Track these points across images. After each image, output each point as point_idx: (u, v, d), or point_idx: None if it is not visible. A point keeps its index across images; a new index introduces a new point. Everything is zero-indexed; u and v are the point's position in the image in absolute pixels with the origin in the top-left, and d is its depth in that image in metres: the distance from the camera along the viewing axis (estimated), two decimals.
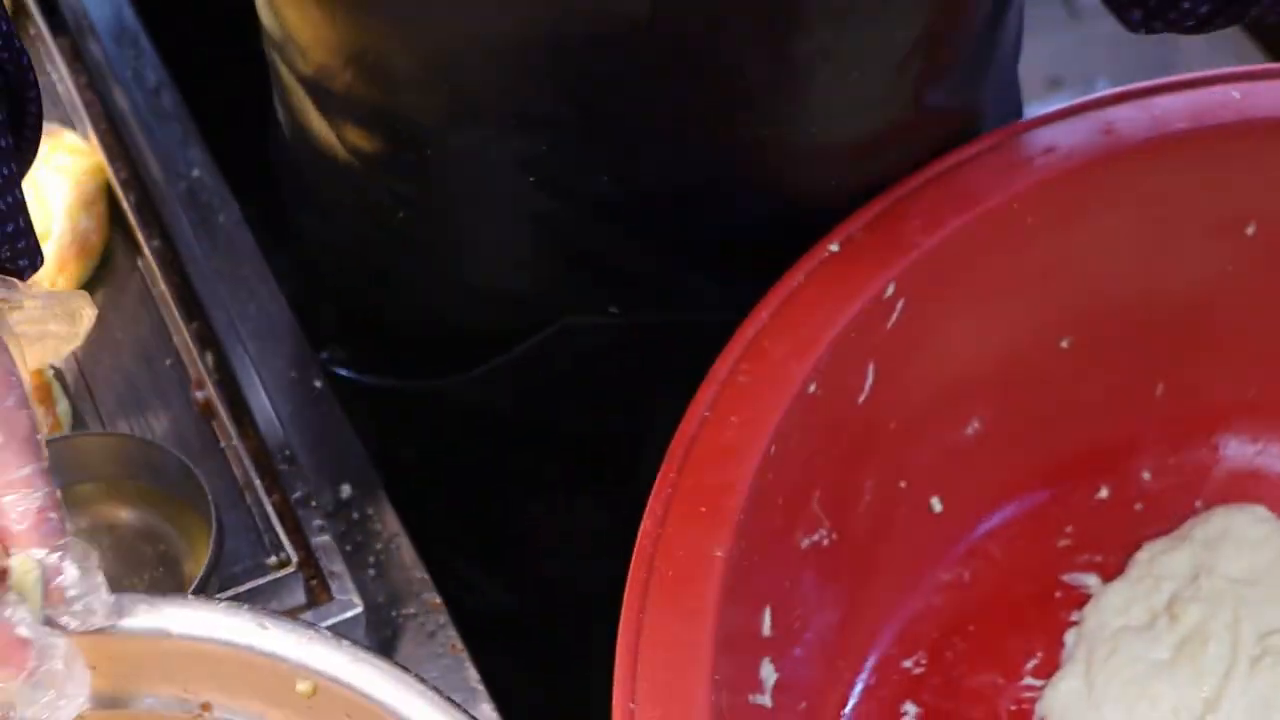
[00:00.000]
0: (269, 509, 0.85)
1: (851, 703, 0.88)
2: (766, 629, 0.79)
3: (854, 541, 0.86)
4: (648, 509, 0.71)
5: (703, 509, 0.71)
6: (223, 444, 0.91)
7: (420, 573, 0.90)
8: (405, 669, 0.70)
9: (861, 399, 0.82)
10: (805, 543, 0.82)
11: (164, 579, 0.87)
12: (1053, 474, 0.94)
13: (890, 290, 0.79)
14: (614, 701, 0.67)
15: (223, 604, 0.72)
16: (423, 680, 0.69)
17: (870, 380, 0.82)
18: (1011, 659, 0.90)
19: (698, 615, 0.68)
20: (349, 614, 0.84)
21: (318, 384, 0.97)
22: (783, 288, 0.79)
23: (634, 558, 0.70)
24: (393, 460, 0.99)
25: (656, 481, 0.72)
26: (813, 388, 0.77)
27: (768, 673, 0.80)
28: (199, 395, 0.93)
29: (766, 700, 0.80)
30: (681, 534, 0.70)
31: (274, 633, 0.70)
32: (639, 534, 0.70)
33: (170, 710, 0.74)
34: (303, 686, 0.70)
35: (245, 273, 1.02)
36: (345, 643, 0.70)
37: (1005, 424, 0.91)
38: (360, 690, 0.69)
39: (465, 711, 0.70)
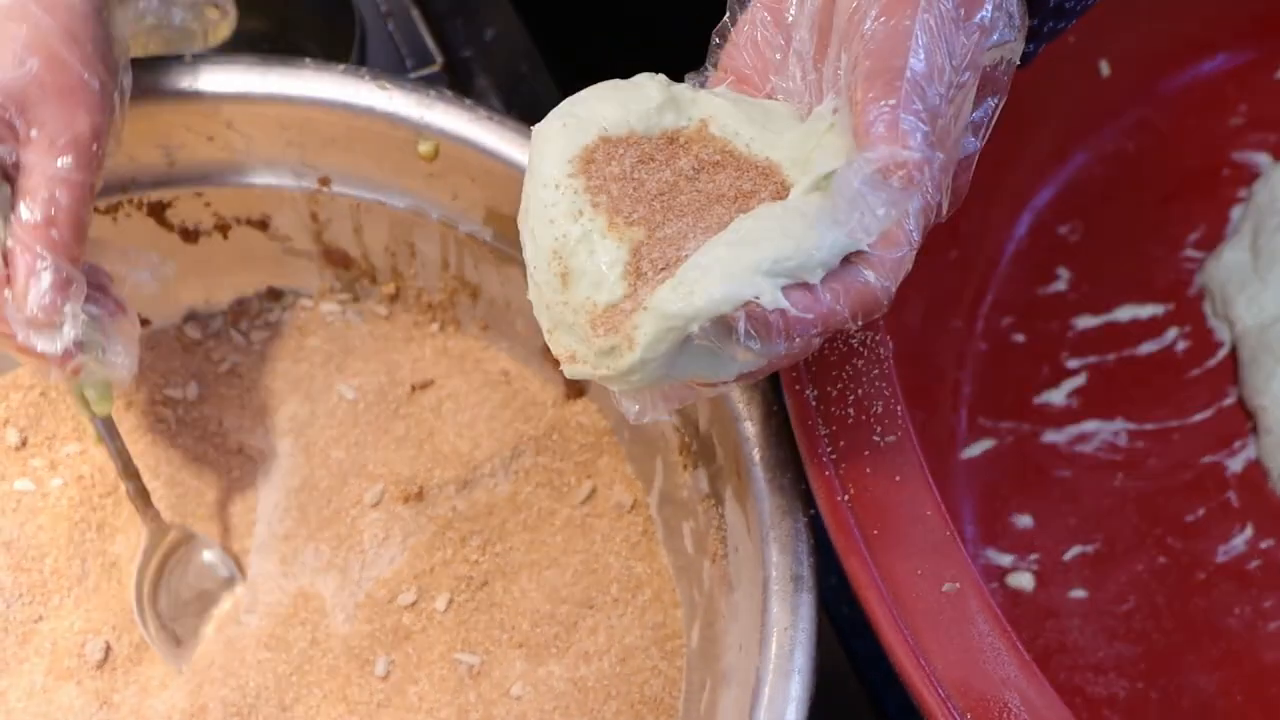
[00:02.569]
0: (418, 20, 0.83)
1: (1003, 261, 0.85)
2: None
3: (1015, 89, 0.82)
4: None
5: None
6: None
7: None
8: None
9: None
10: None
11: None
12: (1228, 42, 0.89)
13: None
14: None
15: (341, 67, 0.70)
16: None
17: None
18: (1173, 231, 0.86)
19: None
20: None
21: None
22: None
23: None
24: None
25: None
26: None
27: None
28: None
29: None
30: None
31: (395, 94, 0.69)
32: None
33: (287, 185, 0.72)
34: (424, 148, 0.69)
35: None
36: (468, 101, 0.69)
37: None
38: (483, 146, 0.68)
39: None
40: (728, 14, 0.58)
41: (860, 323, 0.52)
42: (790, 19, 0.56)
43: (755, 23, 0.57)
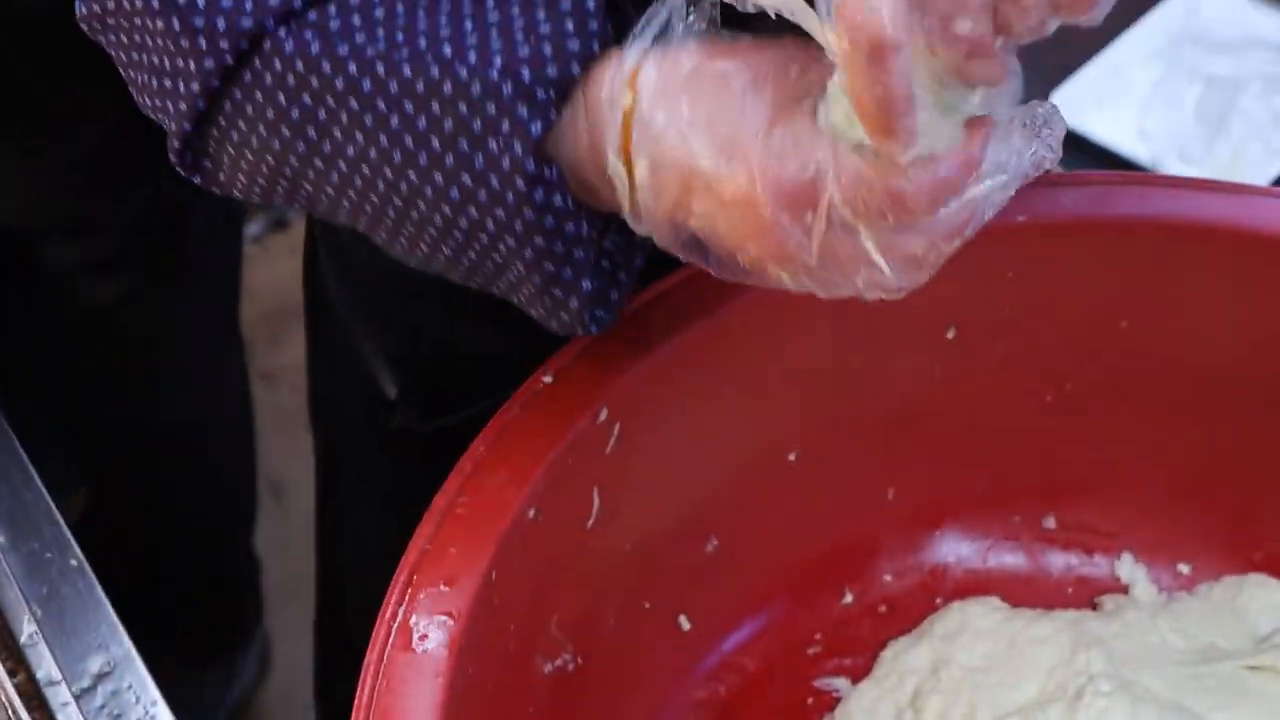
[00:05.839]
0: (12, 695, 0.84)
1: None
2: None
3: (602, 664, 0.88)
4: (368, 653, 0.72)
5: (424, 636, 0.73)
6: None
7: None
8: None
9: (590, 523, 0.84)
10: (548, 667, 0.84)
11: None
12: (797, 583, 0.97)
13: (604, 414, 0.82)
14: None
15: None
16: None
17: (597, 504, 0.84)
18: None
19: None
20: None
21: (74, 562, 0.97)
22: (498, 421, 0.81)
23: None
24: None
25: (376, 625, 0.73)
26: (533, 514, 0.79)
27: None
28: None
29: None
30: (400, 671, 0.71)
31: None
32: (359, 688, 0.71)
33: None
34: None
35: None
36: None
37: (743, 539, 0.94)
38: None
39: None
40: None
41: None
42: None
43: None
